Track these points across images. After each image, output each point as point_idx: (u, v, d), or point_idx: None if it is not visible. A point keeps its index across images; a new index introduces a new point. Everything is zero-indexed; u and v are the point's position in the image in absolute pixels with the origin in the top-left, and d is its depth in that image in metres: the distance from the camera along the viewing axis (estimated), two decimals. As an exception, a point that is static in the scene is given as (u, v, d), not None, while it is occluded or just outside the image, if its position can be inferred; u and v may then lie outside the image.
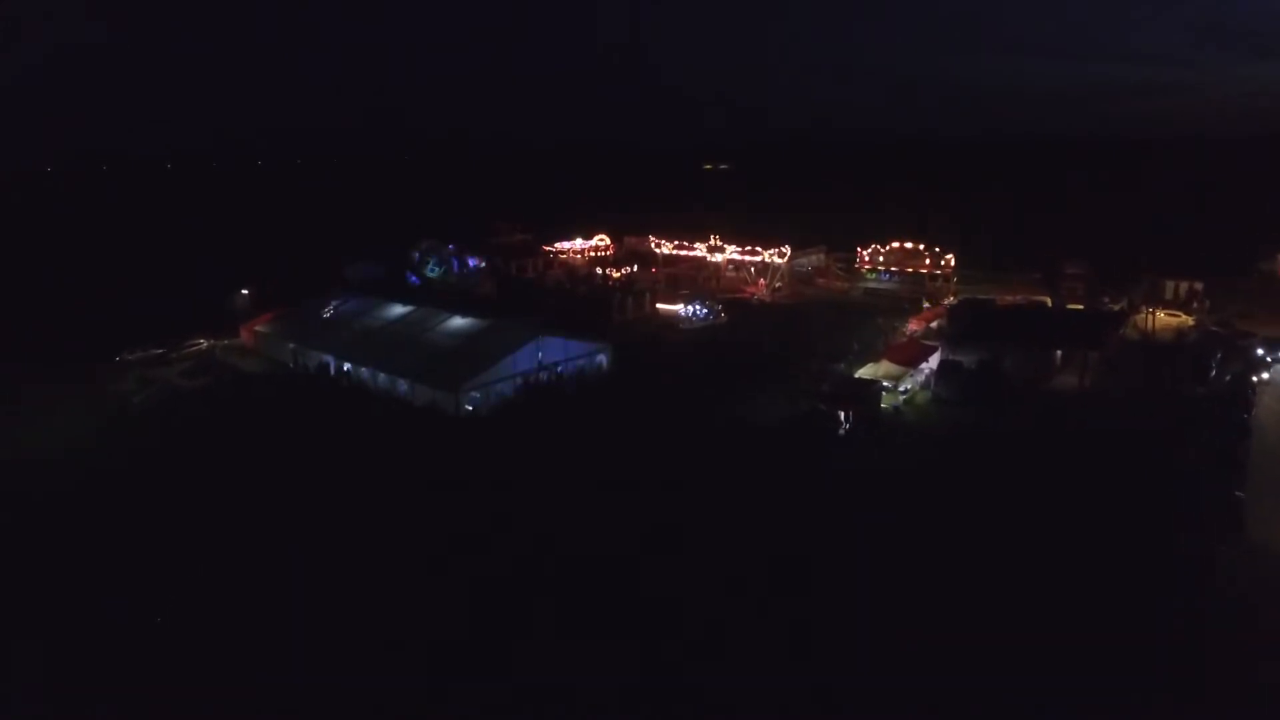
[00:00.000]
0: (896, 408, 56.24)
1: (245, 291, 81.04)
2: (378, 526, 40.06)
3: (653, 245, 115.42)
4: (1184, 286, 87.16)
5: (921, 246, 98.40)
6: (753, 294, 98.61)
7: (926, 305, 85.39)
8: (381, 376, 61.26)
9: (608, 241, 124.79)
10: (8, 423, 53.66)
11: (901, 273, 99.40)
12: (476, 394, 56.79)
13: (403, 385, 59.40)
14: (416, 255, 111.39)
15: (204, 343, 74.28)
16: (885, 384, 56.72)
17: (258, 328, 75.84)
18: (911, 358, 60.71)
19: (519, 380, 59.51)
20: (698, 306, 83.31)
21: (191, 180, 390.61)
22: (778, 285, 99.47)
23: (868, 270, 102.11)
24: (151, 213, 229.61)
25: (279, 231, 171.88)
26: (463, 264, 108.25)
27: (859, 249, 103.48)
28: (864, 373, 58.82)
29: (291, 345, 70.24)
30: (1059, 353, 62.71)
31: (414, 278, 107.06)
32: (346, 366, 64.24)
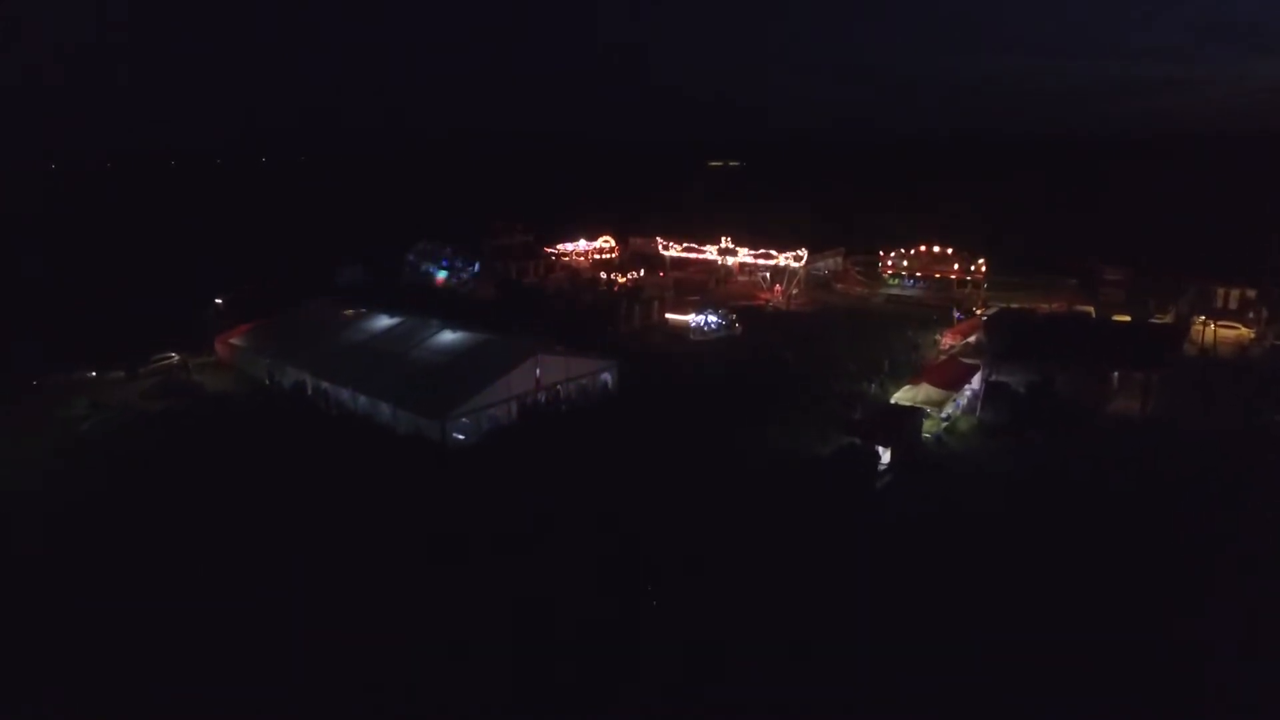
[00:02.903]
0: (939, 437, 49.89)
1: (219, 301, 74.47)
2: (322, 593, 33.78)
3: (659, 247, 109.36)
4: (1235, 294, 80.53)
5: (949, 250, 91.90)
6: (767, 301, 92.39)
7: (958, 315, 79.00)
8: (362, 399, 55.09)
9: (612, 243, 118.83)
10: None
11: (927, 278, 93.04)
12: (466, 420, 50.57)
13: (385, 409, 53.23)
14: (411, 258, 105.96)
15: (175, 357, 67.92)
16: (927, 410, 50.44)
17: (233, 340, 69.78)
18: (952, 379, 54.38)
19: (514, 403, 53.34)
20: (710, 316, 77.00)
21: (189, 180, 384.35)
22: (794, 291, 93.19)
23: (890, 276, 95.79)
24: (140, 214, 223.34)
25: (272, 233, 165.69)
26: (455, 267, 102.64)
27: (881, 253, 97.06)
28: (901, 397, 52.47)
29: (267, 361, 64.17)
30: (1115, 373, 56.28)
31: (410, 279, 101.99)
32: (325, 385, 58.07)
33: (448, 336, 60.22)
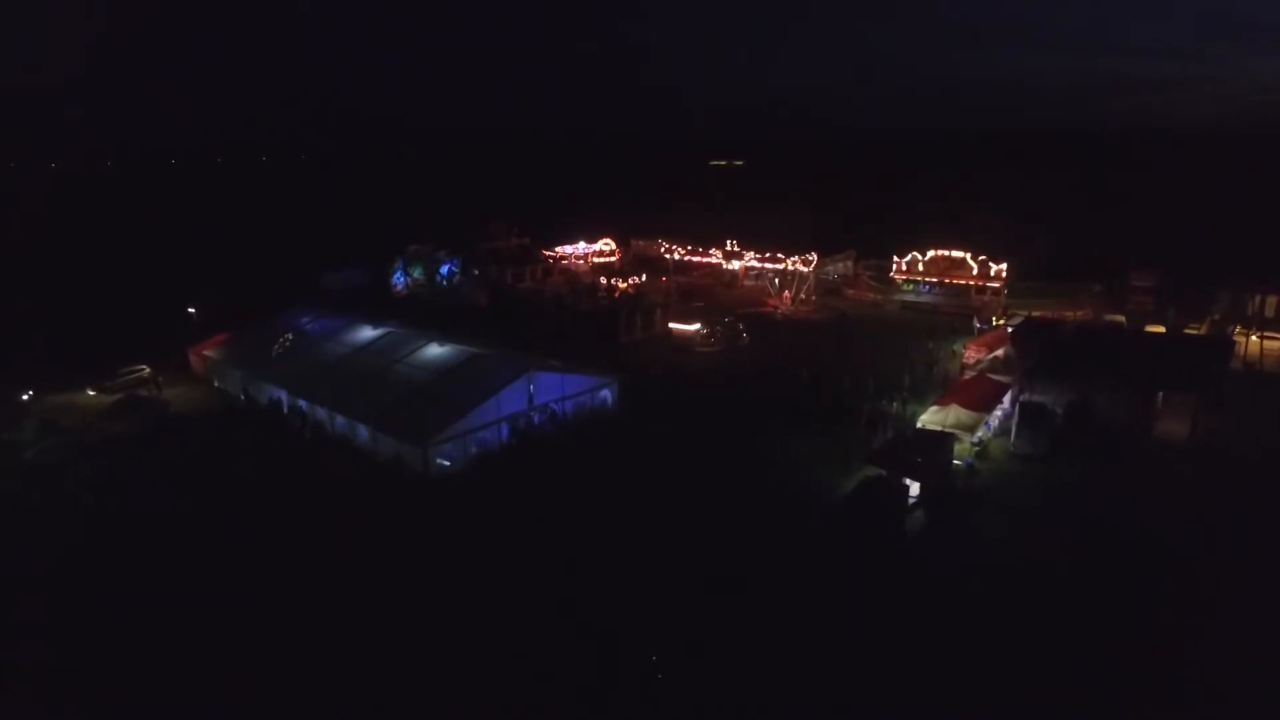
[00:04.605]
0: (969, 464, 45.27)
1: (191, 310, 69.86)
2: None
3: (662, 250, 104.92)
4: (1271, 301, 75.69)
5: (967, 255, 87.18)
6: (775, 307, 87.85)
7: (978, 325, 74.39)
8: (340, 420, 50.62)
9: (613, 246, 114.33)
10: None
11: (943, 284, 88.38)
12: (452, 445, 46.07)
13: (364, 432, 48.77)
14: (401, 262, 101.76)
15: (146, 370, 63.27)
16: (958, 436, 45.90)
17: (206, 352, 65.31)
18: (984, 399, 49.77)
19: (505, 425, 48.85)
20: (715, 327, 72.42)
21: (187, 180, 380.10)
22: (803, 297, 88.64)
23: (904, 281, 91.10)
24: (132, 214, 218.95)
25: (266, 234, 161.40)
26: (453, 273, 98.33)
27: (895, 258, 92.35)
28: (929, 420, 47.89)
29: (240, 375, 59.74)
30: (1160, 393, 51.67)
31: (400, 278, 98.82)
32: (301, 404, 53.60)
33: (434, 350, 55.67)
